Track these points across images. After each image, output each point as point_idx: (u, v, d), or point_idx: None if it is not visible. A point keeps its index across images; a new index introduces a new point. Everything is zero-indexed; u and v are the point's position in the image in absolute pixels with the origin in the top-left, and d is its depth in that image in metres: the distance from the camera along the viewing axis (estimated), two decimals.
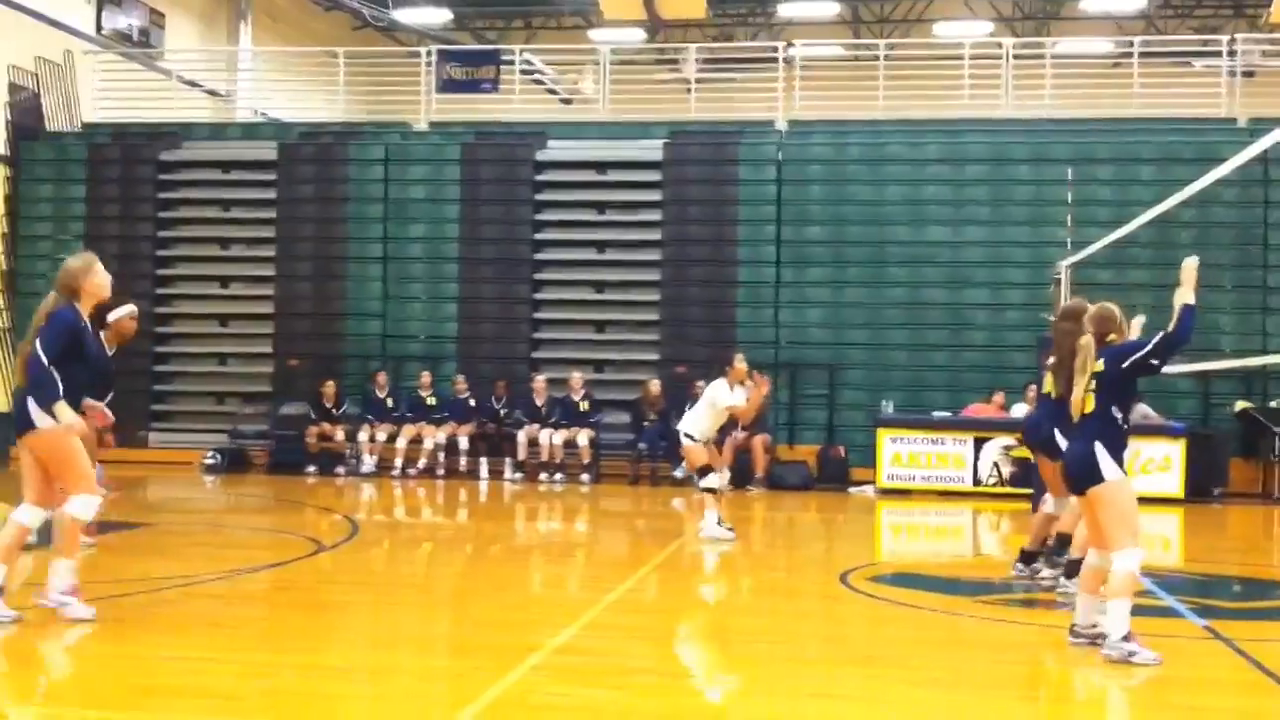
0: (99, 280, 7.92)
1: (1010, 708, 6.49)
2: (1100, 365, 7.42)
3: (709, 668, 7.06)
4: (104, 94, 22.33)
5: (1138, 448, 16.71)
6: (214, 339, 20.99)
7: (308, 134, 21.68)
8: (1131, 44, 21.56)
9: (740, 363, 12.40)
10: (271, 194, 20.83)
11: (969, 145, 19.64)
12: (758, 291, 19.42)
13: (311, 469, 18.54)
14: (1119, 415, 7.34)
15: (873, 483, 17.31)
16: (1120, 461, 7.27)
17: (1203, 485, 16.96)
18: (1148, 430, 16.99)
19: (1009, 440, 16.94)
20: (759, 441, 17.74)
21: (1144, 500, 16.51)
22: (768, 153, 19.95)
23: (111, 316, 10.33)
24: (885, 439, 17.22)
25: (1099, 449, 7.23)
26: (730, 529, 12.09)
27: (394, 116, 22.20)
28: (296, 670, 6.80)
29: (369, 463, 18.60)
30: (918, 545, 13.69)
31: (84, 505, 7.63)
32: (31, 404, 7.52)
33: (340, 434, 18.86)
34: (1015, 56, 20.71)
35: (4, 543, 7.57)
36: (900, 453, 17.10)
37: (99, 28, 24.76)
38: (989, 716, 6.26)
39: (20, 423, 7.56)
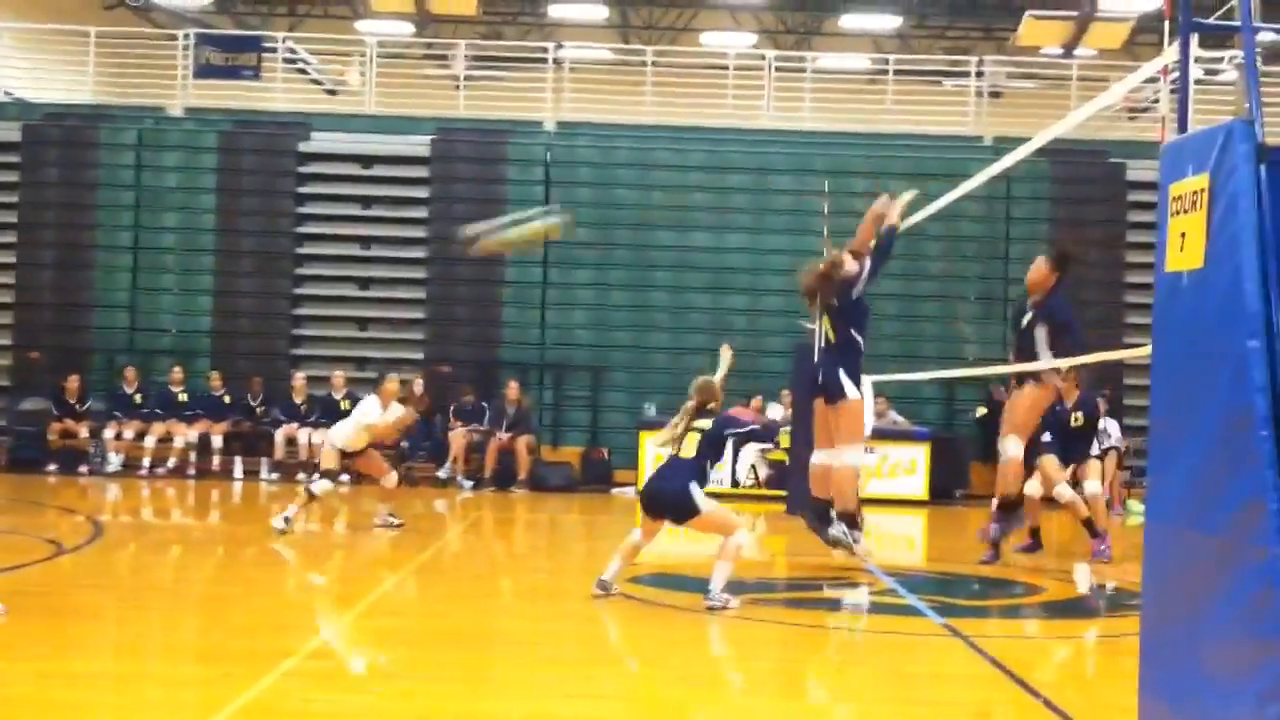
0: None
1: (756, 704, 6.66)
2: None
3: (466, 670, 7.03)
4: None
5: (885, 452, 17.46)
6: None
7: (54, 115, 20.67)
8: (887, 61, 22.41)
9: (391, 382, 12.82)
10: (14, 177, 19.78)
11: (732, 154, 20.09)
12: (524, 292, 19.43)
13: (52, 467, 17.68)
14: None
15: (634, 485, 17.51)
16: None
17: (945, 487, 17.80)
18: (894, 435, 17.73)
19: (766, 444, 17.40)
20: (523, 443, 17.76)
21: (890, 502, 17.31)
22: (536, 153, 20.00)
23: None
24: (647, 441, 17.43)
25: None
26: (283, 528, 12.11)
27: (148, 101, 21.36)
28: (34, 679, 6.47)
29: (115, 461, 17.84)
30: (676, 547, 13.91)
31: None
32: None
33: (84, 431, 18.03)
34: (777, 69, 21.28)
35: None
36: (663, 455, 17.28)
37: None
38: (739, 714, 6.41)
39: None
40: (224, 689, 6.25)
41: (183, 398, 18.25)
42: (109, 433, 17.94)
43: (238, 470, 18.01)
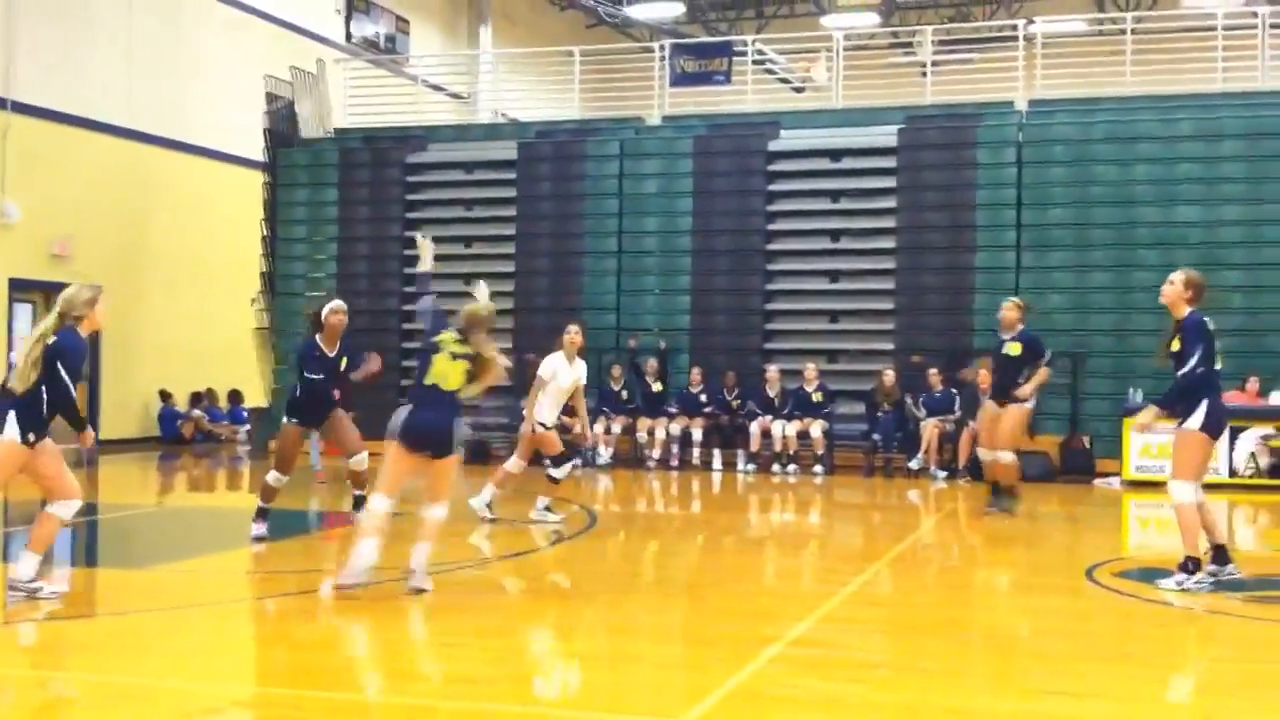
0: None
1: (1256, 711, 6.19)
2: None
3: (949, 663, 6.95)
4: (354, 100, 23.31)
5: None
6: None
7: (545, 133, 22.16)
8: None
9: (574, 333, 12.24)
10: (511, 192, 21.37)
11: (1224, 120, 18.73)
12: (997, 278, 18.93)
13: (548, 461, 18.95)
14: None
15: (1119, 474, 16.72)
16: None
17: None
18: None
19: (1268, 430, 16.14)
20: None
21: None
22: (1008, 135, 19.45)
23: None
24: (1132, 429, 16.55)
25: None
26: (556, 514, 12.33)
27: (628, 112, 22.51)
28: (540, 657, 6.98)
29: (605, 454, 18.91)
30: (1168, 539, 13.16)
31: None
32: None
33: (577, 426, 19.16)
34: (1272, 25, 19.64)
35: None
36: (1149, 443, 16.41)
37: (348, 36, 25.89)
38: (1235, 718, 5.99)
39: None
40: (712, 673, 6.51)
41: (659, 389, 19.04)
42: (599, 428, 19.03)
43: (716, 462, 18.64)
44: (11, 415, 7.95)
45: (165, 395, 22.24)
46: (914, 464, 17.74)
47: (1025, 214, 18.99)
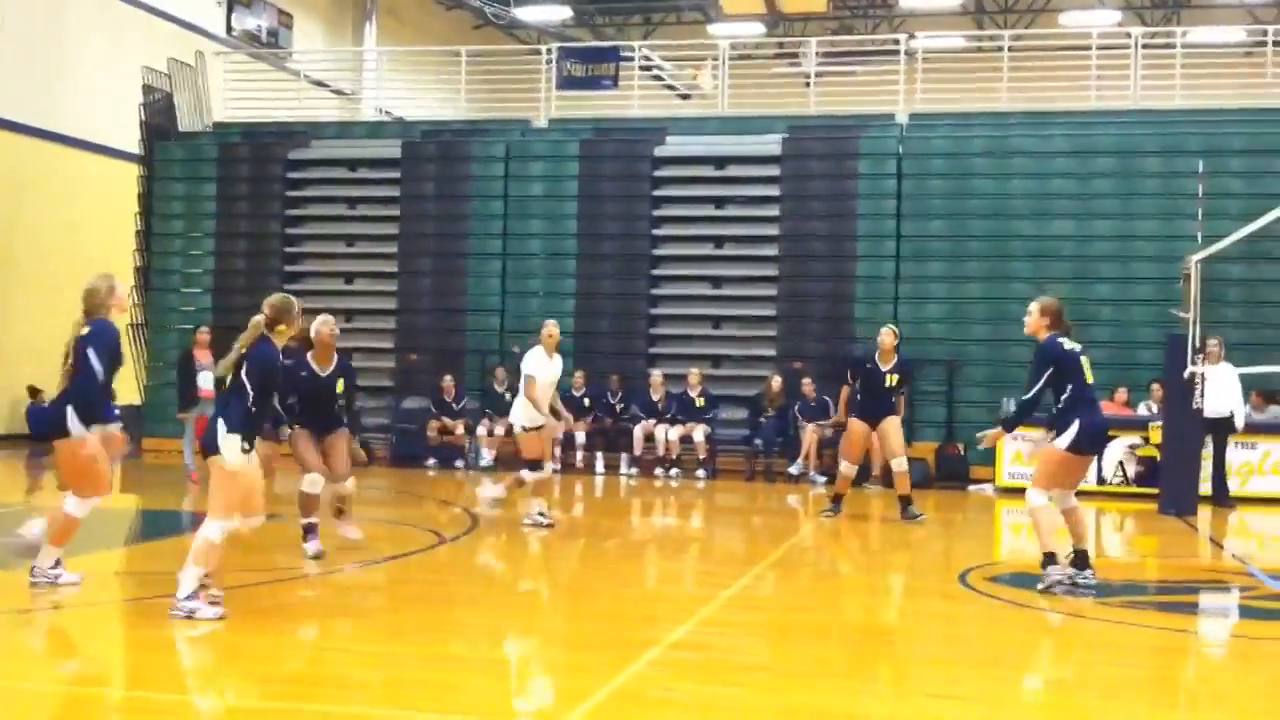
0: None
1: (1127, 712, 6.37)
2: None
3: (830, 665, 7.03)
4: (234, 94, 22.90)
5: (1268, 448, 16.31)
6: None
7: (430, 132, 22.00)
8: (1265, 32, 20.92)
9: (551, 327, 12.19)
10: (395, 191, 21.18)
11: (1096, 137, 19.26)
12: (876, 287, 19.25)
13: (431, 462, 18.86)
14: None
15: (992, 481, 17.09)
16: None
17: None
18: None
19: (1135, 439, 16.61)
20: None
21: (1274, 501, 16.17)
22: (888, 146, 19.78)
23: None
24: (1005, 437, 16.91)
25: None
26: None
27: (514, 114, 22.44)
28: (420, 662, 6.92)
29: (488, 457, 18.83)
30: (1035, 545, 13.46)
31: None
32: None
33: (460, 428, 19.13)
34: (1144, 46, 20.25)
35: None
36: (1022, 451, 16.80)
37: (229, 29, 25.42)
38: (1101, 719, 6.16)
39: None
40: (591, 677, 6.51)
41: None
42: (482, 429, 18.95)
43: (599, 465, 18.67)
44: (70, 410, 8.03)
45: (34, 391, 21.60)
46: (794, 469, 17.96)
47: (904, 225, 19.33)
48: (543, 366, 12.10)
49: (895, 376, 13.34)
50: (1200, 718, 6.43)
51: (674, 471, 18.20)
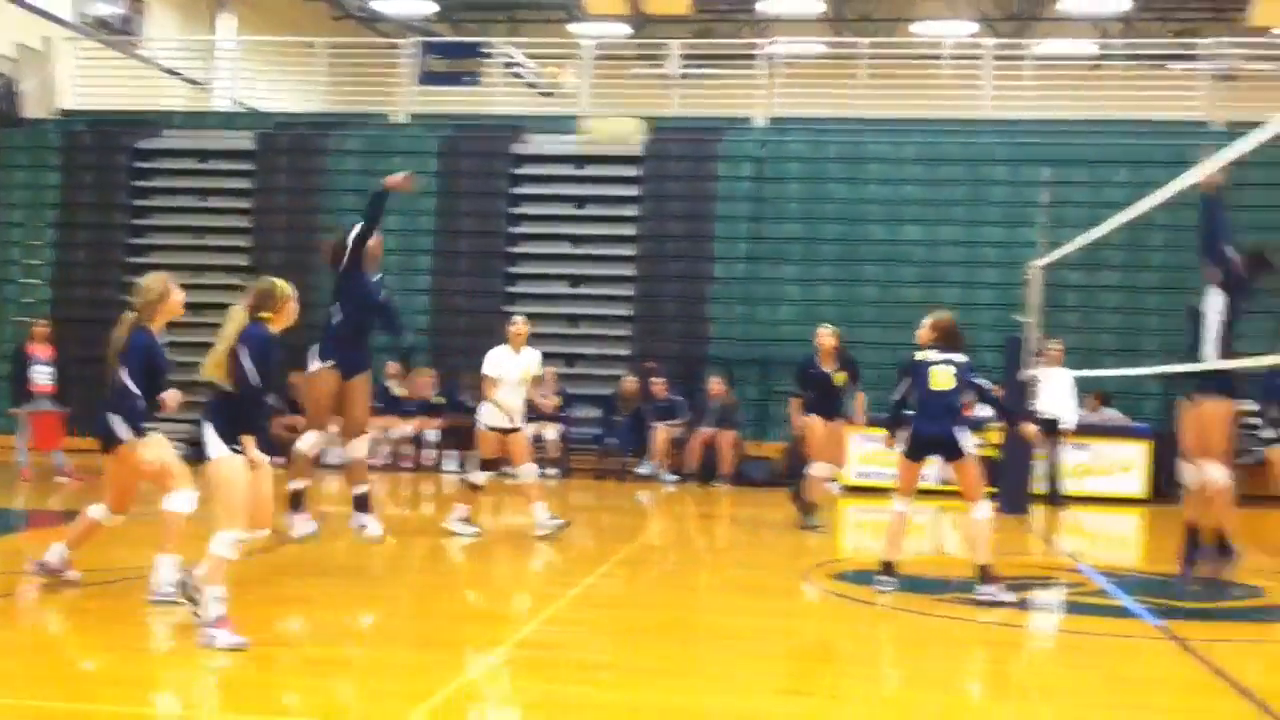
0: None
1: (964, 705, 6.53)
2: None
3: (675, 663, 7.08)
4: (82, 81, 22.23)
5: (1099, 449, 16.88)
6: (188, 328, 20.86)
7: (285, 124, 21.63)
8: (1112, 46, 21.64)
9: (520, 324, 11.95)
10: (248, 184, 20.77)
11: (947, 145, 19.71)
12: (732, 288, 19.46)
13: (281, 460, 18.48)
14: None
15: (836, 480, 17.34)
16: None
17: (1167, 486, 17.07)
18: (1110, 431, 17.16)
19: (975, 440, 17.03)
20: (727, 438, 17.83)
21: (1104, 500, 16.72)
22: (747, 150, 20.00)
23: None
24: (853, 436, 17.16)
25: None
26: (476, 529, 11.76)
27: (373, 108, 22.16)
28: (252, 662, 6.78)
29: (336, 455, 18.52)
30: (878, 543, 13.73)
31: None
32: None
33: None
34: (995, 57, 20.78)
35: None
36: (867, 450, 17.08)
37: (78, 14, 24.64)
38: (946, 714, 6.30)
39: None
40: (433, 677, 6.45)
41: (400, 393, 18.83)
42: (333, 428, 18.60)
43: (450, 464, 18.52)
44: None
45: None
46: (644, 469, 18.03)
47: (760, 227, 19.56)
48: (503, 365, 11.70)
49: (842, 375, 13.09)
50: (1030, 709, 6.62)
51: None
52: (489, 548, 12.04)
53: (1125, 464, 16.93)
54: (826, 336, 13.06)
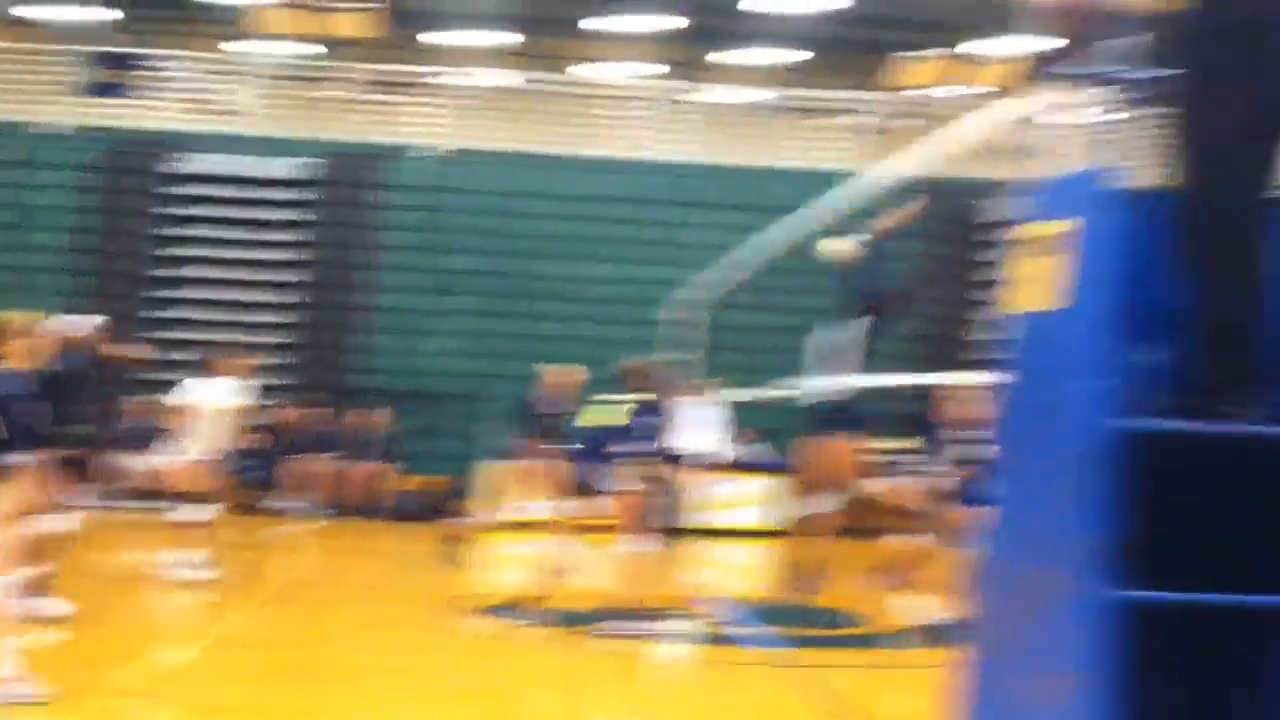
0: None
1: None
2: None
3: (307, 704, 7.02)
4: None
5: (736, 483, 17.56)
6: None
7: None
8: (775, 97, 22.65)
9: (238, 358, 11.61)
10: None
11: (616, 184, 20.20)
12: (398, 319, 19.33)
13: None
14: None
15: (490, 514, 17.35)
16: None
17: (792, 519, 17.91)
18: (749, 467, 17.86)
19: None
20: (386, 471, 17.70)
21: (740, 534, 17.25)
22: (421, 179, 20.01)
23: None
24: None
25: None
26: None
27: (26, 117, 20.93)
28: None
29: None
30: (521, 577, 13.92)
31: None
32: None
33: None
34: (666, 100, 21.46)
35: None
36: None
37: None
38: None
39: None
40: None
41: None
42: None
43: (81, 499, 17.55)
44: None
45: None
46: (298, 502, 17.35)
47: (431, 259, 19.59)
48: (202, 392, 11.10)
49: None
50: None
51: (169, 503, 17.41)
52: (116, 585, 11.55)
53: (758, 498, 17.63)
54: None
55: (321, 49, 29.16)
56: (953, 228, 20.25)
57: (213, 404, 11.13)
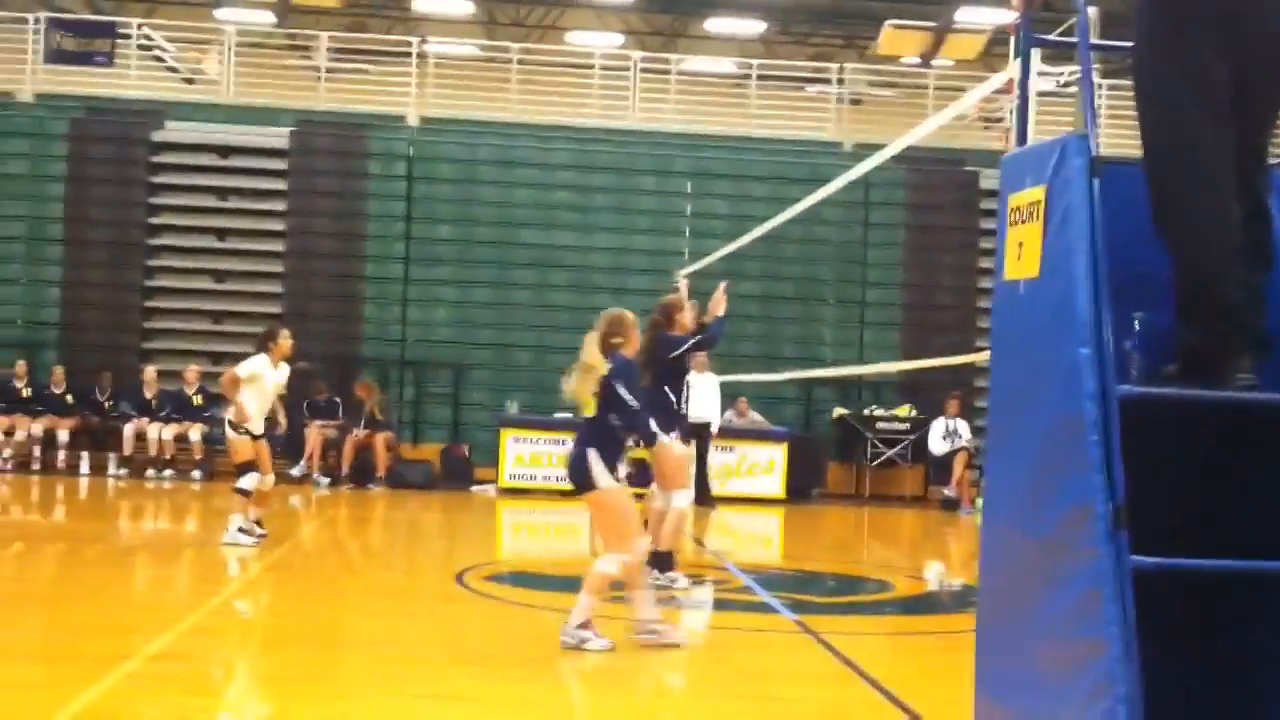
0: None
1: (606, 701, 6.67)
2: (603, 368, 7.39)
3: (316, 670, 6.91)
4: None
5: (744, 451, 17.66)
6: None
7: None
8: (751, 66, 22.59)
9: (285, 339, 11.58)
10: None
11: (597, 154, 20.10)
12: (385, 288, 19.22)
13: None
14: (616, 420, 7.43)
15: (494, 482, 17.43)
16: (613, 467, 7.36)
17: (802, 486, 18.06)
18: (753, 435, 17.96)
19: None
20: (381, 439, 17.58)
21: (748, 500, 17.47)
22: (398, 148, 19.79)
23: None
24: (508, 439, 17.36)
25: (591, 455, 7.35)
26: (259, 533, 11.24)
27: None
28: None
29: None
30: (537, 544, 13.88)
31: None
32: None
33: None
34: (642, 70, 21.34)
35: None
36: (523, 453, 17.29)
37: None
38: (588, 711, 6.41)
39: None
40: (59, 692, 6.07)
41: (26, 392, 17.66)
42: None
43: (84, 466, 17.49)
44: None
45: None
46: (297, 470, 17.54)
47: (414, 228, 19.40)
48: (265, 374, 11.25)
49: None
50: (674, 703, 6.82)
51: (167, 473, 17.34)
52: (124, 556, 11.45)
53: (766, 466, 17.73)
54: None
55: (285, 16, 28.82)
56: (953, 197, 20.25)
57: (273, 379, 11.40)
